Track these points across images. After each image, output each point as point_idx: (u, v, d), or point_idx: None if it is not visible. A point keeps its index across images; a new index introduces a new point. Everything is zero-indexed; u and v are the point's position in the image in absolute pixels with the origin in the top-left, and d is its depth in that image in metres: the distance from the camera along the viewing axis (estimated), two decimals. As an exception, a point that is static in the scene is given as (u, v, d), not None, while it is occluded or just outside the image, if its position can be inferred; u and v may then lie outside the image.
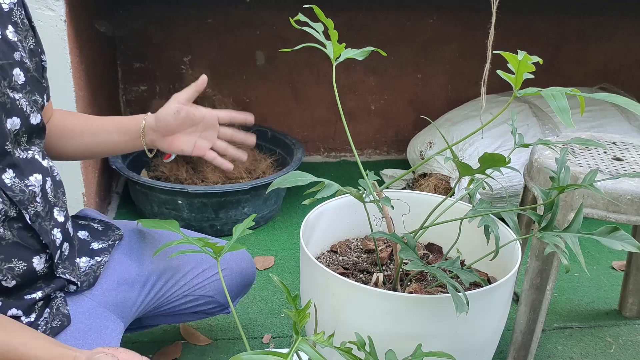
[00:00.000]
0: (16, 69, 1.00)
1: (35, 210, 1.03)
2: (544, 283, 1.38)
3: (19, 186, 1.00)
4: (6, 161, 0.98)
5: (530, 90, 0.92)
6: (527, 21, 2.64)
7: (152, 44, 2.47)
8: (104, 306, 1.17)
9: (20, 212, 1.00)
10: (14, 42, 1.00)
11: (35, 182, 1.03)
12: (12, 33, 1.00)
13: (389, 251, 1.32)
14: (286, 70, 2.60)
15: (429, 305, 1.04)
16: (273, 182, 1.07)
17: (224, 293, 1.35)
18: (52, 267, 1.08)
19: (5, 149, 0.98)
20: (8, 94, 0.98)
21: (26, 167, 1.02)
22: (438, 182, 2.21)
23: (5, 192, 0.97)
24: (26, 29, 1.04)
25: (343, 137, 2.76)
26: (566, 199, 1.29)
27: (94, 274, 1.19)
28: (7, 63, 0.98)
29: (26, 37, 1.03)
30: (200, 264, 1.32)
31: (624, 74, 2.83)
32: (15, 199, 0.99)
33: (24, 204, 1.00)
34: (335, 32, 1.09)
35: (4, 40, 0.98)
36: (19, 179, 1.00)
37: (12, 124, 0.99)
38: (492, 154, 0.92)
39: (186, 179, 2.18)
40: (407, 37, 2.61)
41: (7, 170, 0.98)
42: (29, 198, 1.02)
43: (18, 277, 1.02)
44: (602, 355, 1.59)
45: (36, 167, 1.05)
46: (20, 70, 1.00)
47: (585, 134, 1.57)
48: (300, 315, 0.81)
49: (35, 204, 1.03)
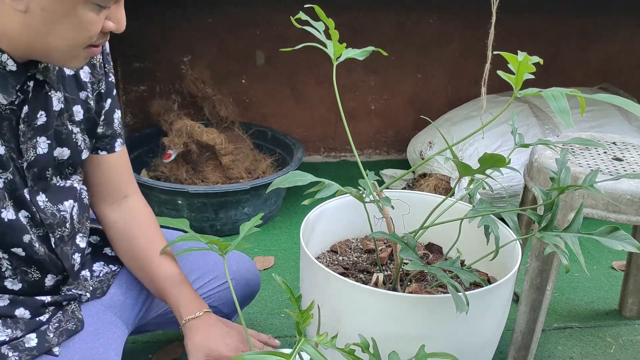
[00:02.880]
0: (77, 105, 1.05)
1: (61, 234, 1.07)
2: (544, 283, 1.38)
3: (51, 210, 1.04)
4: (41, 185, 1.03)
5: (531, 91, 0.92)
6: (527, 21, 2.64)
7: (152, 44, 2.46)
8: (112, 310, 1.18)
9: (47, 235, 1.04)
10: (84, 82, 1.06)
11: (68, 207, 1.08)
12: (85, 73, 1.06)
13: (389, 251, 1.32)
14: (286, 70, 2.60)
15: (429, 305, 1.04)
16: (273, 182, 1.07)
17: (228, 303, 1.35)
18: (59, 286, 1.11)
19: (44, 174, 1.03)
20: (67, 125, 1.04)
21: (60, 193, 1.07)
22: (438, 182, 2.21)
23: (38, 212, 1.02)
24: (101, 73, 1.09)
25: (343, 137, 2.76)
26: (566, 199, 1.29)
27: (108, 282, 1.21)
28: (71, 98, 1.04)
29: (99, 81, 1.09)
30: (206, 274, 1.32)
31: (624, 74, 2.83)
32: (46, 222, 1.03)
33: (52, 227, 1.05)
34: (336, 31, 1.09)
35: (74, 78, 1.05)
36: (52, 203, 1.04)
37: (61, 153, 1.05)
38: (492, 154, 0.92)
39: (186, 179, 2.18)
40: (407, 37, 2.61)
41: (41, 193, 1.03)
42: (58, 222, 1.06)
43: (25, 283, 1.06)
44: (602, 355, 1.59)
45: (70, 194, 1.09)
46: (81, 108, 1.06)
47: (585, 134, 1.57)
48: (303, 316, 0.81)
49: (64, 228, 1.07)
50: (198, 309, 1.16)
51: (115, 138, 1.16)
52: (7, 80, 0.91)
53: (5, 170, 0.96)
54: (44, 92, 0.98)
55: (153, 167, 2.27)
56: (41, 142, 1.00)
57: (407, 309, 1.05)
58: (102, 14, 0.89)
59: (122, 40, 2.44)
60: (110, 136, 1.15)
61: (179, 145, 2.14)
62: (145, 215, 1.23)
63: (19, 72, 0.92)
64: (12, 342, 1.01)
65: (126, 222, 1.20)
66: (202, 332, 1.13)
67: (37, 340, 1.04)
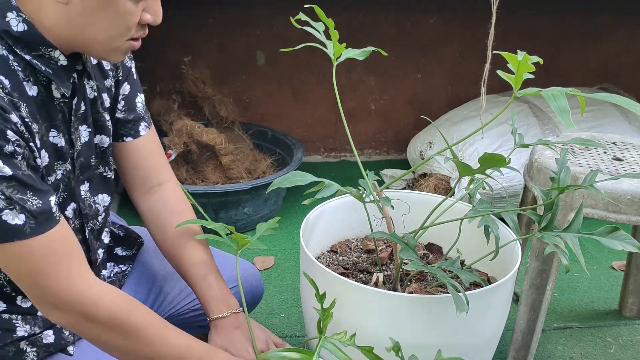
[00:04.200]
0: (104, 93, 1.08)
1: (92, 226, 1.09)
2: (544, 283, 1.37)
3: (89, 200, 1.06)
4: (87, 174, 1.05)
5: (530, 90, 0.92)
6: (527, 21, 2.64)
7: (152, 44, 2.46)
8: None
9: (82, 225, 1.06)
10: (106, 71, 1.08)
11: (101, 201, 1.10)
12: (106, 63, 1.08)
13: (389, 251, 1.32)
14: (286, 70, 2.60)
15: (429, 305, 1.04)
16: (273, 182, 1.07)
17: None
18: None
19: (90, 163, 1.05)
20: (102, 113, 1.06)
21: (100, 185, 1.09)
22: (438, 182, 2.21)
23: (79, 202, 1.04)
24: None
25: (343, 137, 2.76)
26: (566, 199, 1.29)
27: (119, 282, 1.21)
28: (100, 86, 1.06)
29: (117, 67, 1.11)
30: None
31: (624, 74, 2.83)
32: (84, 212, 1.05)
33: (88, 218, 1.06)
34: (336, 32, 1.09)
35: (98, 66, 1.07)
36: (91, 194, 1.07)
37: (101, 140, 1.07)
38: (492, 154, 0.92)
39: (186, 179, 2.18)
40: (407, 37, 2.61)
41: (85, 182, 1.05)
42: (93, 214, 1.08)
43: None
44: (602, 355, 1.59)
45: (107, 187, 1.11)
46: (107, 96, 1.09)
47: (585, 134, 1.57)
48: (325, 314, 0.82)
49: (95, 221, 1.09)
50: (227, 308, 1.13)
51: (138, 122, 1.15)
52: (61, 75, 0.93)
53: (65, 162, 0.98)
54: (83, 82, 1.01)
55: (153, 167, 2.27)
56: (82, 131, 1.02)
57: (407, 309, 1.05)
58: (140, 6, 0.91)
59: (122, 40, 2.45)
60: (132, 120, 1.14)
61: (179, 145, 2.14)
62: (179, 204, 1.19)
63: (69, 66, 0.94)
64: (30, 338, 1.02)
65: (158, 211, 1.18)
66: (226, 334, 1.12)
67: (54, 337, 1.04)
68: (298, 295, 1.73)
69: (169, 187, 1.19)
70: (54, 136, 0.96)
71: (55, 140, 0.96)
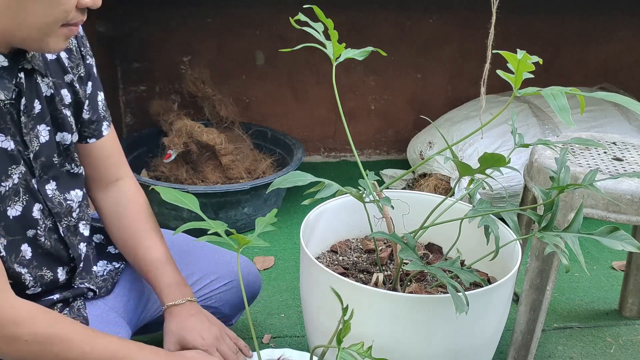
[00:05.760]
0: (64, 89, 1.06)
1: (67, 223, 1.08)
2: (544, 283, 1.37)
3: (58, 198, 1.05)
4: (52, 172, 1.04)
5: (530, 90, 0.92)
6: (527, 21, 2.64)
7: (152, 44, 2.46)
8: (115, 311, 1.18)
9: (55, 224, 1.06)
10: (66, 67, 1.07)
11: (74, 197, 1.09)
12: (65, 59, 1.07)
13: (389, 251, 1.32)
14: (286, 70, 2.60)
15: (429, 305, 1.04)
16: (273, 182, 1.07)
17: (230, 305, 1.35)
18: (71, 278, 1.12)
19: (52, 162, 1.04)
20: (61, 110, 1.05)
21: (69, 181, 1.08)
22: (438, 182, 2.21)
23: (46, 202, 1.03)
24: (79, 57, 1.09)
25: (343, 137, 2.76)
26: (566, 199, 1.28)
27: (112, 280, 1.21)
28: (58, 82, 1.05)
29: (78, 65, 1.09)
30: (207, 275, 1.32)
31: (624, 74, 2.83)
32: (53, 211, 1.04)
33: (60, 216, 1.06)
34: (335, 32, 1.09)
35: (57, 62, 1.05)
36: (60, 192, 1.06)
37: (63, 138, 1.06)
38: (492, 153, 0.92)
39: (186, 179, 2.18)
40: (407, 37, 2.61)
41: (50, 181, 1.04)
42: (65, 211, 1.07)
43: (44, 286, 1.07)
44: (602, 355, 1.58)
45: (78, 183, 1.10)
46: (68, 91, 1.07)
47: (585, 134, 1.57)
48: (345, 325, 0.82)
49: (70, 218, 1.09)
50: (182, 295, 1.15)
51: (101, 122, 1.16)
52: (2, 77, 0.92)
53: (18, 164, 0.97)
54: (34, 81, 0.99)
55: (153, 167, 2.27)
56: (42, 130, 1.01)
57: (407, 309, 1.05)
58: None
59: (122, 40, 2.45)
60: (96, 121, 1.15)
61: (179, 145, 2.14)
62: (136, 196, 1.22)
63: (10, 66, 0.93)
64: None
65: (116, 204, 1.20)
66: (180, 320, 1.12)
67: None
68: (298, 296, 1.73)
69: (127, 182, 1.22)
70: (2, 140, 0.94)
71: (4, 144, 0.95)
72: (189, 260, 1.30)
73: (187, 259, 1.30)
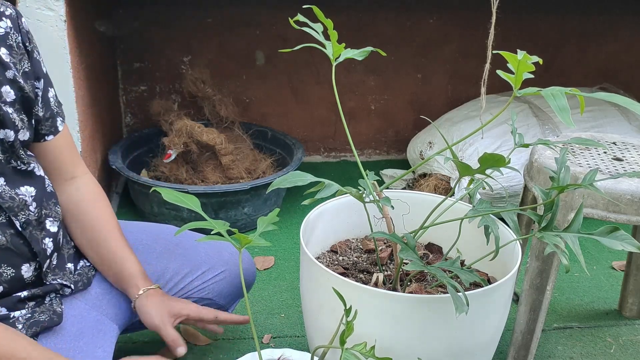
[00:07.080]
0: (6, 86, 1.04)
1: (26, 218, 1.06)
2: (544, 283, 1.37)
3: (9, 194, 1.04)
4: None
5: (530, 90, 0.92)
6: (527, 21, 2.64)
7: (152, 44, 2.46)
8: (97, 309, 1.17)
9: (10, 219, 1.04)
10: (6, 63, 1.04)
11: (25, 192, 1.07)
12: (5, 55, 1.05)
13: (389, 251, 1.32)
14: (286, 70, 2.60)
15: (429, 305, 1.04)
16: (273, 182, 1.07)
17: (223, 295, 1.35)
18: (41, 276, 1.10)
19: None
20: (2, 107, 1.03)
21: (18, 178, 1.06)
22: (438, 182, 2.21)
23: None
24: (21, 52, 1.08)
25: (343, 137, 2.76)
26: (566, 199, 1.28)
27: (87, 275, 1.20)
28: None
29: (21, 60, 1.08)
30: (198, 266, 1.32)
31: (624, 74, 2.83)
32: (4, 206, 1.03)
33: (14, 210, 1.04)
34: (334, 32, 1.09)
35: None
36: (9, 187, 1.04)
37: (5, 135, 1.04)
38: (492, 154, 0.92)
39: (186, 179, 2.18)
40: (407, 37, 2.61)
41: None
42: (19, 206, 1.05)
43: (5, 284, 1.04)
44: (602, 355, 1.59)
45: (30, 179, 1.09)
46: (11, 88, 1.05)
47: (585, 134, 1.57)
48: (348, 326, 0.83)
49: (27, 212, 1.07)
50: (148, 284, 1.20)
51: (55, 118, 1.16)
52: None
53: None
54: None
55: (153, 167, 2.27)
56: None
57: (407, 309, 1.05)
58: None
59: (122, 40, 2.45)
60: (50, 117, 1.14)
61: (179, 145, 2.14)
62: (95, 193, 1.23)
63: None
64: None
65: (75, 201, 1.21)
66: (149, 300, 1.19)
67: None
68: (298, 296, 1.73)
69: (85, 179, 1.23)
70: None
71: None
72: (177, 253, 1.30)
73: (175, 252, 1.30)
